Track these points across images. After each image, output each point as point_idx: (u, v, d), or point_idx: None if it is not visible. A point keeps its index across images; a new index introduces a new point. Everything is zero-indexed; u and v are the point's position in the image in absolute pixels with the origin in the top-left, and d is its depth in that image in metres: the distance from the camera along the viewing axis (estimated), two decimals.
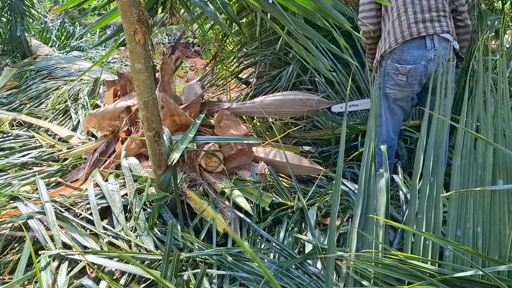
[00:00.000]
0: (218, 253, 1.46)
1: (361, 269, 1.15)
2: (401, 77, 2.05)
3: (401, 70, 2.03)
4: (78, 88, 3.83)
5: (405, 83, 2.06)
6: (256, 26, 3.37)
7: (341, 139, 1.33)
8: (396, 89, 2.11)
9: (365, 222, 1.30)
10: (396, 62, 2.06)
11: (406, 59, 2.03)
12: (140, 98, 1.54)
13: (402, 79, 2.05)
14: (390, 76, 2.10)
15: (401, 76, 2.04)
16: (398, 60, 2.05)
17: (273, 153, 2.33)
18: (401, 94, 2.12)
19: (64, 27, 6.85)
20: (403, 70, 2.03)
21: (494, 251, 1.12)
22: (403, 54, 2.03)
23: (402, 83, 2.07)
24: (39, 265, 1.40)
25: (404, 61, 2.04)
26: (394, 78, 2.08)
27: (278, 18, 1.27)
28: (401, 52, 2.04)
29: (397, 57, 2.06)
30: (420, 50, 2.01)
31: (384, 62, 2.12)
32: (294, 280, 1.32)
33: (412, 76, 2.03)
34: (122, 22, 1.37)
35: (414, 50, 2.02)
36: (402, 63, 2.04)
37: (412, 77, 2.04)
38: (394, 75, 2.07)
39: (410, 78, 2.04)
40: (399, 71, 2.05)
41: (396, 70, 2.06)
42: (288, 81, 3.20)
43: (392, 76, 2.09)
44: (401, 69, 2.03)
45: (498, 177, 1.18)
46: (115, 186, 1.89)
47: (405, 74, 2.03)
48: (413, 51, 2.02)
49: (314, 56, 1.42)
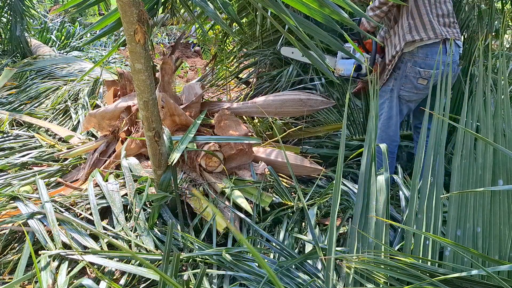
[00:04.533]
0: (218, 253, 1.46)
1: (361, 269, 1.15)
2: (422, 81, 2.05)
3: (423, 75, 2.03)
4: (78, 88, 3.83)
5: (424, 87, 2.06)
6: (256, 25, 3.37)
7: (341, 140, 1.33)
8: (413, 92, 2.11)
9: (365, 222, 1.29)
10: (418, 66, 2.04)
11: (430, 64, 2.02)
12: (140, 98, 1.53)
13: (422, 83, 2.05)
14: (409, 79, 2.08)
15: (422, 80, 2.04)
16: (420, 64, 2.03)
17: (273, 153, 2.33)
18: (416, 96, 2.13)
19: (64, 27, 6.85)
20: (425, 74, 2.02)
21: (494, 251, 1.12)
22: (427, 58, 2.02)
23: (421, 86, 2.07)
24: (39, 265, 1.40)
25: (427, 65, 2.03)
26: (413, 82, 2.07)
27: (279, 15, 1.27)
28: (425, 56, 2.02)
29: (420, 60, 2.03)
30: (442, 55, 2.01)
31: (403, 65, 2.09)
32: (295, 280, 1.32)
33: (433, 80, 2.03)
34: (122, 22, 1.37)
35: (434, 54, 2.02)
36: (425, 67, 2.03)
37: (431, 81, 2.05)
38: (414, 78, 2.06)
39: (430, 82, 2.03)
40: (421, 75, 2.04)
41: (418, 74, 2.04)
42: (288, 81, 3.20)
43: (412, 79, 2.07)
44: (424, 73, 2.03)
45: (498, 177, 1.18)
46: (115, 186, 1.89)
47: (427, 79, 2.03)
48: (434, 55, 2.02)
49: (316, 55, 1.42)
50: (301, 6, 1.31)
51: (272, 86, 3.31)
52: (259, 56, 3.45)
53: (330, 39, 1.41)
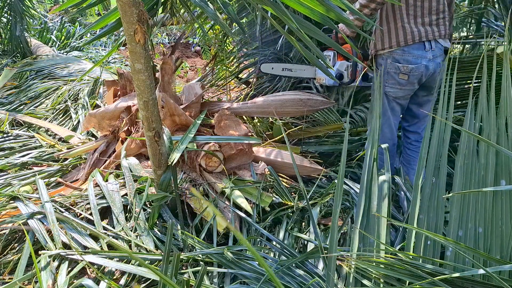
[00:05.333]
0: (219, 252, 1.46)
1: (362, 268, 1.15)
2: (403, 76, 2.07)
3: (403, 70, 2.06)
4: (78, 88, 3.82)
5: (406, 82, 2.09)
6: (256, 25, 3.37)
7: (344, 140, 1.32)
8: (397, 88, 2.13)
9: (366, 222, 1.29)
10: (397, 61, 2.07)
11: (407, 59, 2.05)
12: (140, 98, 1.53)
13: (403, 78, 2.07)
14: (391, 75, 2.11)
15: (403, 75, 2.07)
16: (399, 59, 2.07)
17: (273, 153, 2.33)
18: (401, 92, 2.15)
19: (64, 27, 6.84)
20: (404, 69, 2.05)
21: (496, 251, 1.12)
22: (404, 54, 2.05)
23: (403, 82, 2.09)
24: (39, 265, 1.39)
25: (405, 60, 2.06)
26: (395, 77, 2.10)
27: (280, 16, 1.27)
28: (402, 52, 2.06)
29: (398, 56, 2.07)
30: (420, 50, 2.05)
31: (384, 61, 2.13)
32: (296, 279, 1.31)
33: (414, 75, 2.06)
34: (122, 22, 1.36)
35: (414, 51, 2.04)
36: (404, 63, 2.06)
37: (413, 76, 2.07)
38: (395, 74, 2.09)
39: (411, 77, 2.07)
40: (401, 71, 2.07)
41: (398, 69, 2.07)
42: (288, 81, 3.20)
43: (393, 75, 2.10)
44: (403, 68, 2.05)
45: (501, 178, 1.17)
46: (115, 186, 1.88)
47: (407, 74, 2.06)
48: (414, 51, 2.04)
49: (315, 55, 1.42)
50: (299, 7, 1.30)
51: (272, 86, 3.31)
52: (259, 56, 3.45)
53: (329, 40, 1.41)
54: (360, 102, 3.12)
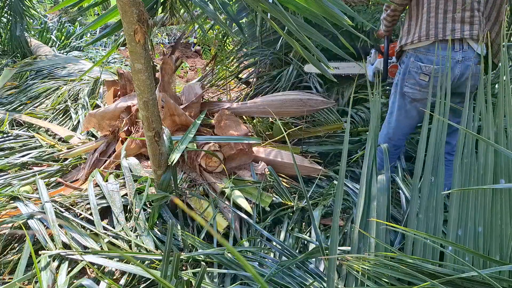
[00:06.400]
0: (219, 252, 1.46)
1: (362, 269, 1.15)
2: (423, 77, 1.92)
3: (424, 70, 1.91)
4: (78, 88, 3.82)
5: (427, 83, 1.93)
6: (256, 26, 3.37)
7: (344, 140, 1.32)
8: (416, 89, 1.98)
9: (366, 222, 1.29)
10: (419, 60, 1.93)
11: (431, 58, 1.90)
12: (140, 98, 1.53)
13: (424, 79, 1.93)
14: (412, 74, 1.97)
15: (424, 76, 1.92)
16: (422, 59, 1.93)
17: (273, 153, 2.33)
18: (420, 95, 1.99)
19: (64, 27, 6.84)
20: (426, 69, 1.90)
21: (495, 251, 1.12)
22: (429, 53, 1.90)
23: (423, 83, 1.94)
24: (39, 265, 1.40)
25: (428, 60, 1.91)
26: (415, 77, 1.96)
27: (279, 18, 1.27)
28: (426, 51, 1.91)
29: (421, 55, 1.93)
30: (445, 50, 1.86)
31: (406, 59, 1.99)
32: (296, 280, 1.31)
33: (436, 77, 1.87)
34: (122, 22, 1.36)
35: (440, 50, 1.87)
36: (426, 62, 1.91)
37: (435, 79, 1.87)
38: (416, 74, 1.95)
39: (433, 79, 1.86)
40: (422, 71, 1.92)
41: (419, 69, 1.93)
42: (288, 81, 3.20)
43: (414, 75, 1.96)
44: (425, 68, 1.91)
45: (500, 177, 1.17)
46: (115, 186, 1.88)
47: (428, 74, 1.90)
48: (439, 51, 1.87)
49: (315, 56, 1.42)
50: (298, 9, 1.30)
51: (272, 86, 3.31)
52: (259, 56, 3.45)
53: (327, 42, 1.41)
54: (360, 102, 3.12)
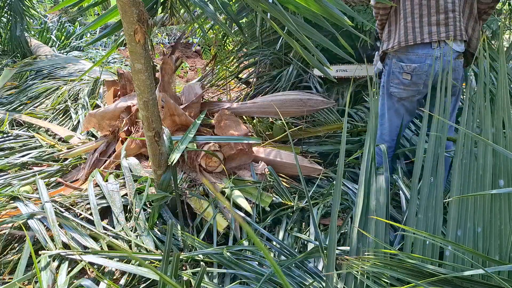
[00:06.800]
0: (219, 251, 1.46)
1: (362, 268, 1.15)
2: (406, 76, 2.03)
3: (406, 69, 2.02)
4: (78, 88, 3.83)
5: (410, 82, 2.04)
6: (256, 26, 3.37)
7: (342, 140, 1.33)
8: (401, 88, 2.09)
9: (365, 222, 1.29)
10: (400, 61, 2.04)
11: (411, 58, 2.01)
12: (140, 98, 1.53)
13: (406, 77, 2.03)
14: (395, 75, 2.07)
15: (406, 74, 2.02)
16: (402, 59, 2.03)
17: (273, 153, 2.33)
18: (405, 93, 2.10)
19: (64, 27, 6.84)
20: (407, 68, 2.01)
21: (495, 251, 1.12)
22: (408, 53, 2.01)
23: (406, 82, 2.05)
24: (39, 265, 1.40)
25: (408, 59, 2.02)
26: (399, 77, 2.06)
27: (278, 18, 1.27)
28: (406, 52, 2.02)
29: (402, 56, 2.04)
30: (425, 49, 1.98)
31: (389, 61, 2.10)
32: (295, 279, 1.32)
33: (417, 74, 2.00)
34: (122, 22, 1.37)
35: (419, 50, 1.99)
36: (407, 62, 2.02)
37: (416, 76, 2.01)
38: (399, 74, 2.05)
39: (414, 77, 2.01)
40: (404, 70, 2.03)
41: (401, 68, 2.04)
42: (288, 81, 3.20)
43: (397, 75, 2.06)
44: (406, 67, 2.01)
45: (499, 177, 1.18)
46: (115, 186, 1.89)
47: (410, 73, 2.01)
48: (419, 50, 1.99)
49: (314, 56, 1.42)
50: (297, 9, 1.31)
51: (272, 86, 3.31)
52: (259, 56, 3.45)
53: (327, 42, 1.41)
54: (360, 102, 3.12)
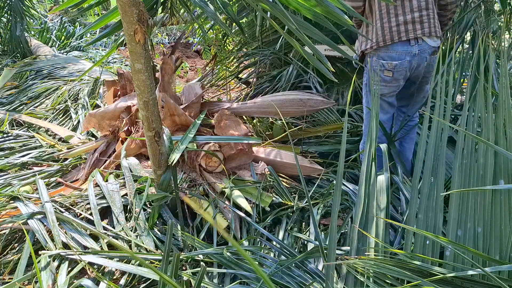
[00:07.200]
0: (219, 251, 1.46)
1: (362, 268, 1.15)
2: (387, 73, 2.08)
3: (387, 66, 2.07)
4: (78, 88, 3.83)
5: (391, 78, 2.10)
6: (256, 26, 3.37)
7: (342, 140, 1.33)
8: (382, 85, 2.14)
9: (365, 222, 1.29)
10: (381, 59, 2.09)
11: (391, 55, 2.06)
12: (140, 98, 1.53)
13: (388, 75, 2.09)
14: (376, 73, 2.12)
15: (387, 72, 2.08)
16: (383, 57, 2.08)
17: (273, 153, 2.33)
18: (387, 89, 2.15)
19: (64, 27, 6.84)
20: (389, 66, 2.06)
21: (495, 251, 1.12)
22: (388, 51, 2.06)
23: (388, 79, 2.10)
24: (39, 265, 1.40)
25: (389, 57, 2.07)
26: (380, 75, 2.11)
27: (279, 17, 1.27)
28: (386, 50, 2.07)
29: (382, 54, 2.08)
30: (404, 46, 2.04)
31: (370, 60, 2.15)
32: (295, 279, 1.32)
33: (398, 71, 2.06)
34: (122, 22, 1.37)
35: (398, 47, 2.05)
36: (388, 60, 2.07)
37: (397, 73, 2.07)
38: (380, 71, 2.10)
39: (396, 73, 2.08)
40: (385, 67, 2.08)
41: (382, 66, 2.08)
42: (288, 81, 3.20)
43: (378, 72, 2.11)
44: (387, 65, 2.06)
45: (500, 177, 1.17)
46: (115, 186, 1.89)
47: (391, 70, 2.07)
48: (398, 47, 2.05)
49: (315, 56, 1.42)
50: (298, 7, 1.30)
51: (272, 86, 3.31)
52: (259, 56, 3.45)
53: (327, 40, 1.41)
54: (360, 102, 3.12)
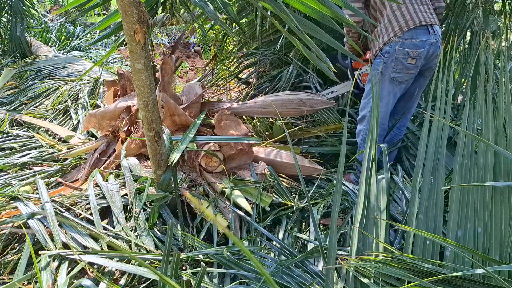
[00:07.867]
0: (219, 252, 1.46)
1: (362, 268, 1.15)
2: (411, 61, 2.19)
3: (412, 54, 2.17)
4: (78, 88, 3.83)
5: (414, 66, 2.21)
6: (256, 26, 3.37)
7: (342, 140, 1.33)
8: (404, 72, 2.23)
9: (365, 222, 1.29)
10: (406, 47, 2.18)
11: (416, 43, 2.17)
12: (140, 98, 1.53)
13: (412, 62, 2.20)
14: (399, 60, 2.20)
15: (411, 59, 2.19)
16: (408, 45, 2.18)
17: (273, 153, 2.33)
18: (407, 76, 2.25)
19: (65, 27, 6.84)
20: (413, 54, 2.17)
21: (495, 251, 1.12)
22: (413, 39, 2.17)
23: (411, 66, 2.21)
24: (39, 265, 1.40)
25: (414, 45, 2.17)
26: (403, 62, 2.20)
27: (279, 15, 1.27)
28: (410, 38, 2.17)
29: (407, 42, 2.18)
30: (425, 35, 2.18)
31: (391, 49, 2.21)
32: (295, 279, 1.32)
33: (420, 59, 2.19)
34: (122, 22, 1.37)
35: (422, 36, 2.17)
36: (413, 48, 2.17)
37: (419, 60, 2.19)
38: (404, 59, 2.19)
39: (418, 61, 2.19)
40: (410, 55, 2.18)
41: (407, 54, 2.18)
42: (288, 81, 3.20)
43: (402, 60, 2.20)
44: (412, 53, 2.17)
45: (499, 177, 1.17)
46: (115, 186, 1.88)
47: (415, 58, 2.18)
48: (421, 36, 2.17)
49: (316, 55, 1.42)
50: (300, 5, 1.30)
51: (272, 86, 3.31)
52: (259, 56, 3.45)
53: (330, 39, 1.41)
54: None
